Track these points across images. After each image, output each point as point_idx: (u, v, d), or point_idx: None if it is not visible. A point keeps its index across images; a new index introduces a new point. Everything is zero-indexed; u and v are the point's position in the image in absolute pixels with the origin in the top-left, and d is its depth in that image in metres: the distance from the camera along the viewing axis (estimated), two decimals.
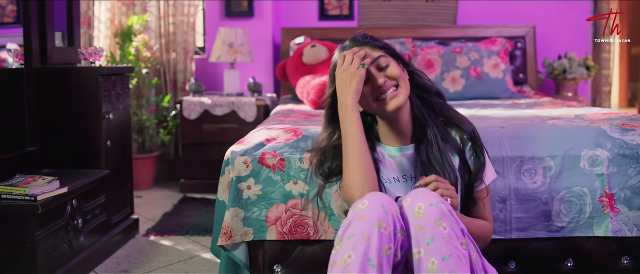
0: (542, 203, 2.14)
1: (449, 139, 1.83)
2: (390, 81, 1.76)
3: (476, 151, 1.83)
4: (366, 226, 1.51)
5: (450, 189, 1.67)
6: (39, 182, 2.39)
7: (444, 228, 1.52)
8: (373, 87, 1.77)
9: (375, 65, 1.77)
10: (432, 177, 1.68)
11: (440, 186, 1.66)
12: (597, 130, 2.23)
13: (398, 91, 1.76)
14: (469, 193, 1.84)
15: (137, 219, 3.28)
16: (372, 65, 1.77)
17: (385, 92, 1.76)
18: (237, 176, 2.11)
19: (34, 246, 2.29)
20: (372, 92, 1.77)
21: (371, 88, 1.77)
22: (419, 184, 1.68)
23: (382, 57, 1.79)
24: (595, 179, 2.15)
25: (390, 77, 1.77)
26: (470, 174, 1.83)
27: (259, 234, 2.09)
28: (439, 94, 1.90)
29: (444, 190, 1.66)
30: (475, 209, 1.86)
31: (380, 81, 1.75)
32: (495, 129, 2.29)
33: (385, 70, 1.77)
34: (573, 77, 4.44)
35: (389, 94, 1.76)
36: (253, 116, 4.12)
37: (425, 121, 1.83)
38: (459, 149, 1.83)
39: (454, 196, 1.67)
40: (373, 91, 1.77)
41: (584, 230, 2.14)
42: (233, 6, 4.60)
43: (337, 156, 1.81)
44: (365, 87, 1.77)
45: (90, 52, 2.99)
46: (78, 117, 2.89)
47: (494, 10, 4.74)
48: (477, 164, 1.83)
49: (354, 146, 1.71)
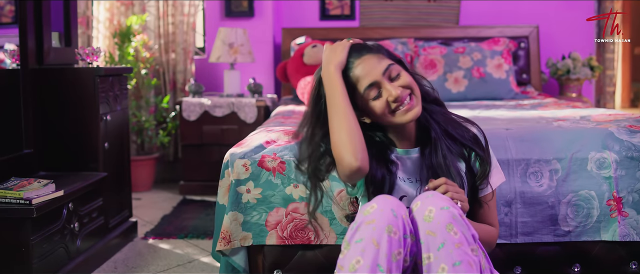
0: (548, 207, 2.09)
1: (452, 144, 1.77)
2: (405, 91, 1.67)
3: (480, 156, 1.77)
4: (375, 231, 1.47)
5: (460, 193, 1.62)
6: (34, 186, 2.34)
7: (455, 233, 1.47)
8: (388, 100, 1.66)
9: (387, 76, 1.67)
10: (441, 180, 1.63)
11: (450, 189, 1.61)
12: (605, 132, 2.19)
13: (413, 101, 1.68)
14: (475, 196, 1.79)
15: (136, 222, 3.24)
16: (383, 76, 1.66)
17: (403, 102, 1.66)
18: (236, 179, 2.06)
19: (29, 251, 2.24)
20: (388, 106, 1.67)
21: (386, 102, 1.67)
22: (429, 187, 1.63)
23: (392, 65, 1.69)
24: (602, 183, 2.10)
25: (404, 86, 1.68)
26: (475, 177, 1.77)
27: (258, 239, 2.05)
28: (437, 102, 1.82)
29: (454, 193, 1.60)
30: (481, 213, 1.81)
31: (397, 92, 1.64)
32: (500, 131, 2.25)
33: (397, 79, 1.68)
34: (577, 77, 4.39)
35: (406, 104, 1.67)
36: (253, 117, 4.08)
37: (429, 125, 1.77)
38: (462, 155, 1.77)
39: (464, 199, 1.63)
40: (388, 104, 1.67)
41: (591, 234, 2.10)
42: (233, 6, 4.56)
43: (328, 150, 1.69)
44: (378, 102, 1.67)
45: (87, 52, 2.95)
46: (75, 119, 2.84)
47: (497, 10, 4.70)
48: (482, 169, 1.77)
49: (339, 109, 1.61)
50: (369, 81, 1.66)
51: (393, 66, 1.68)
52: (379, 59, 1.69)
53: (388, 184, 1.69)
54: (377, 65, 1.67)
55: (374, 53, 1.70)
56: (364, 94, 1.67)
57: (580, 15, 4.65)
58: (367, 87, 1.66)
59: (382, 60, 1.69)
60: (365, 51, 1.70)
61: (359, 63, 1.67)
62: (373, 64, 1.67)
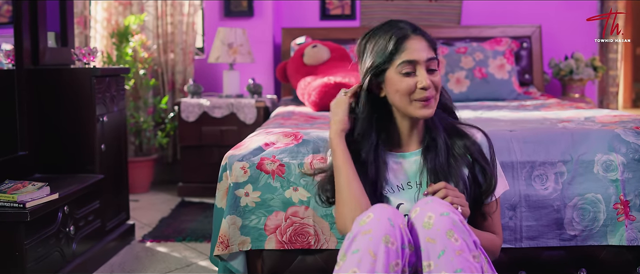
0: (554, 211, 2.05)
1: (457, 152, 1.72)
2: (432, 90, 1.65)
3: (484, 169, 1.71)
4: (372, 241, 1.42)
5: (460, 197, 1.58)
6: (28, 189, 2.29)
7: (456, 239, 1.43)
8: (417, 85, 1.64)
9: (427, 65, 1.65)
10: (441, 184, 1.59)
11: (450, 193, 1.57)
12: (611, 134, 2.14)
13: (432, 102, 1.66)
14: (478, 206, 1.74)
15: (133, 224, 3.19)
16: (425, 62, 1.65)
17: (427, 98, 1.64)
18: (234, 182, 2.02)
19: (23, 255, 2.19)
20: (413, 90, 1.64)
21: (414, 85, 1.64)
22: (428, 192, 1.59)
23: (436, 61, 1.68)
24: (609, 185, 2.06)
25: (436, 84, 1.67)
26: (480, 187, 1.72)
27: (257, 244, 2.00)
28: (447, 108, 1.81)
29: (454, 198, 1.56)
30: (484, 222, 1.76)
31: (428, 82, 1.63)
32: (504, 132, 2.20)
33: (433, 75, 1.67)
34: (580, 78, 4.34)
35: (428, 101, 1.65)
36: (253, 118, 4.03)
37: (437, 130, 1.73)
38: (467, 163, 1.72)
39: (464, 204, 1.58)
40: (415, 89, 1.64)
41: (598, 239, 2.05)
42: (232, 6, 4.51)
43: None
44: (407, 80, 1.64)
45: (84, 52, 2.90)
46: (71, 120, 2.80)
47: (499, 9, 4.65)
48: (487, 183, 1.71)
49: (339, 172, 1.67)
50: (411, 57, 1.64)
51: (436, 62, 1.68)
52: (429, 47, 1.68)
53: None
54: (426, 50, 1.67)
55: (428, 40, 1.69)
56: (399, 66, 1.65)
57: (582, 15, 4.60)
58: (405, 61, 1.64)
59: (430, 50, 1.68)
60: (423, 34, 1.69)
61: (414, 38, 1.66)
62: (423, 47, 1.66)
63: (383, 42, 1.67)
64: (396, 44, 1.65)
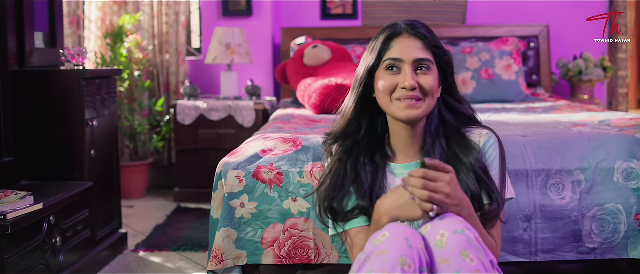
0: (571, 222, 1.91)
1: (459, 161, 1.58)
2: (418, 91, 1.54)
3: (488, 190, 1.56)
4: (387, 262, 1.29)
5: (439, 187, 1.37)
6: (10, 199, 2.16)
7: (472, 260, 1.29)
8: (399, 84, 1.55)
9: (415, 66, 1.56)
10: (419, 172, 1.38)
11: (429, 186, 1.37)
12: (631, 139, 2.01)
13: (419, 103, 1.55)
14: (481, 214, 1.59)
15: (126, 233, 3.06)
16: (413, 62, 1.55)
17: (409, 98, 1.54)
18: (229, 192, 1.88)
19: (5, 268, 2.06)
20: (393, 88, 1.56)
21: (395, 84, 1.55)
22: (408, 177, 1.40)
23: (428, 63, 1.56)
24: (630, 195, 1.92)
25: (423, 86, 1.55)
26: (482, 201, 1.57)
27: (253, 258, 1.87)
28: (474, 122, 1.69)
29: (433, 195, 1.37)
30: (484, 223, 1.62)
31: (411, 83, 1.53)
32: (516, 138, 2.06)
33: (421, 77, 1.55)
34: (589, 78, 4.21)
35: (410, 102, 1.54)
36: (251, 121, 3.90)
37: (436, 138, 1.60)
38: (473, 171, 1.58)
39: (445, 192, 1.37)
40: (395, 87, 1.55)
41: (618, 252, 1.92)
42: (231, 5, 4.38)
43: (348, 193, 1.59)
44: (388, 77, 1.57)
45: (72, 53, 2.76)
46: (59, 125, 2.67)
47: (505, 8, 4.51)
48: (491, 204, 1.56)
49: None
50: (396, 55, 1.57)
51: (428, 64, 1.56)
52: (423, 49, 1.57)
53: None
54: (417, 50, 1.56)
55: (424, 43, 1.58)
56: (384, 63, 1.58)
57: (591, 14, 4.46)
58: (390, 58, 1.57)
59: (424, 52, 1.57)
60: (418, 34, 1.59)
61: (405, 36, 1.59)
62: (414, 46, 1.57)
63: (376, 40, 1.62)
64: (385, 42, 1.58)
